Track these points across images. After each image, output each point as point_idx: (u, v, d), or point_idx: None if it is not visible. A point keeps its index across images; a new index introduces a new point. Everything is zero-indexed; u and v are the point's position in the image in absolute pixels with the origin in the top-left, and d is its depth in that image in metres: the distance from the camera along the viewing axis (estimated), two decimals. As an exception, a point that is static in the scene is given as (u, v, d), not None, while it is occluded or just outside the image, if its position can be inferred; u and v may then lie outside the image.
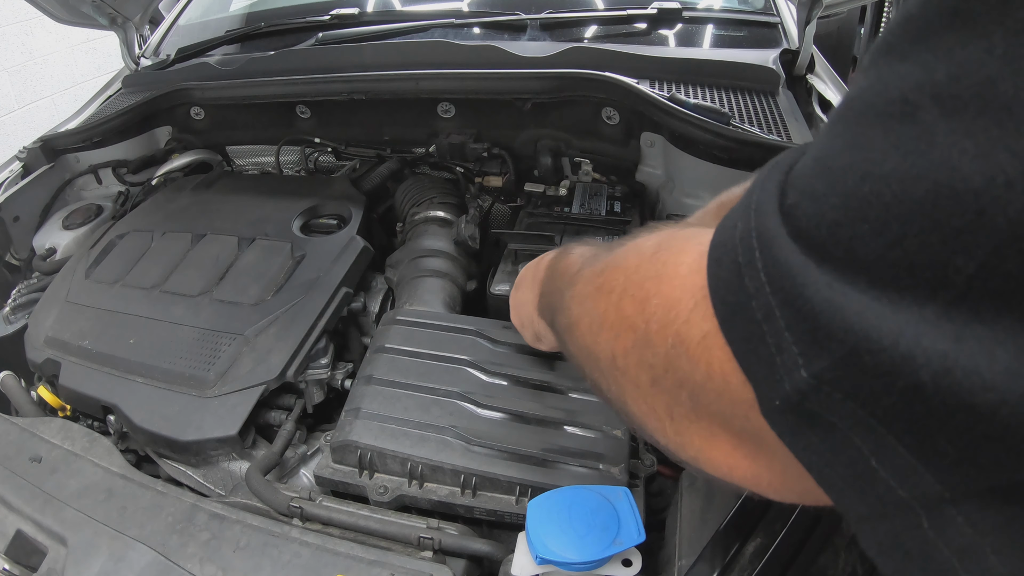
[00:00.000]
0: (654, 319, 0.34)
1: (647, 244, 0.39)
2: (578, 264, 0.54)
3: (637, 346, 0.36)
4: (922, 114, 0.21)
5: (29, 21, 3.49)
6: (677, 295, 0.33)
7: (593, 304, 0.43)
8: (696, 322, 0.31)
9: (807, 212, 0.26)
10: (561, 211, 1.21)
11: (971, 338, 0.21)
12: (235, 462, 0.90)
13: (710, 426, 0.34)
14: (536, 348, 0.86)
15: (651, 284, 0.35)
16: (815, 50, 1.29)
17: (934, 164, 0.21)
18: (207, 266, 1.11)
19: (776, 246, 0.26)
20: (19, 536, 0.77)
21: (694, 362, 0.31)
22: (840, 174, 0.24)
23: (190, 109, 1.53)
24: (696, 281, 0.31)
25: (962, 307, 0.21)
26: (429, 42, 1.44)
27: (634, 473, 0.77)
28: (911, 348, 0.22)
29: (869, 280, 0.23)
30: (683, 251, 0.34)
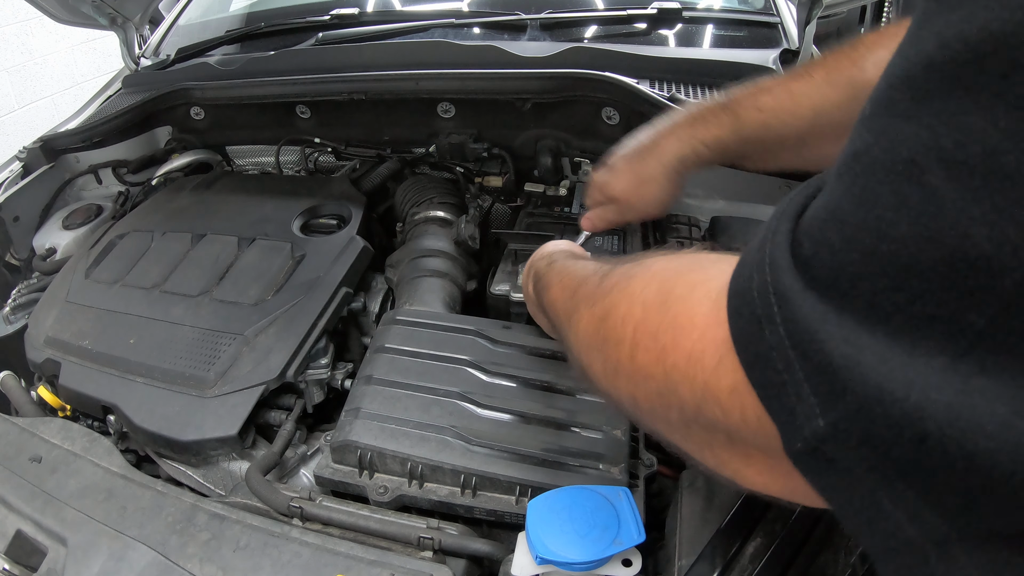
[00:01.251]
0: (675, 371, 0.36)
1: (647, 291, 0.41)
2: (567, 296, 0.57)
3: (661, 394, 0.38)
4: (929, 177, 0.23)
5: (29, 21, 3.49)
6: (699, 348, 0.34)
7: (603, 354, 0.45)
8: (724, 374, 0.33)
9: (826, 264, 0.27)
10: (561, 211, 1.21)
11: (975, 391, 0.22)
12: (235, 462, 0.90)
13: (746, 451, 0.36)
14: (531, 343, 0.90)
15: (666, 337, 0.37)
16: (815, 50, 1.29)
17: (946, 229, 0.22)
18: (207, 266, 1.11)
19: (793, 302, 0.28)
20: (19, 536, 0.77)
21: (726, 410, 0.33)
22: (855, 230, 0.26)
23: (190, 109, 1.53)
24: (717, 335, 0.33)
25: (969, 360, 0.23)
26: (429, 42, 1.44)
27: (634, 473, 0.77)
28: (920, 400, 0.23)
29: (887, 332, 0.25)
30: (692, 302, 0.36)
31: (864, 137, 0.26)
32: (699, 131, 0.80)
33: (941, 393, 0.23)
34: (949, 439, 0.23)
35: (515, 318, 1.03)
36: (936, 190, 0.23)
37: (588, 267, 0.59)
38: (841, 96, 0.68)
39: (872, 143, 0.26)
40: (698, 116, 0.81)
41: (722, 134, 0.78)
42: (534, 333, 0.94)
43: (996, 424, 0.22)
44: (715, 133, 0.79)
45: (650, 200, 0.87)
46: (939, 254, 0.23)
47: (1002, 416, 0.22)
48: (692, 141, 0.81)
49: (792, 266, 0.29)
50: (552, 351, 0.91)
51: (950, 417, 0.22)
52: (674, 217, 1.18)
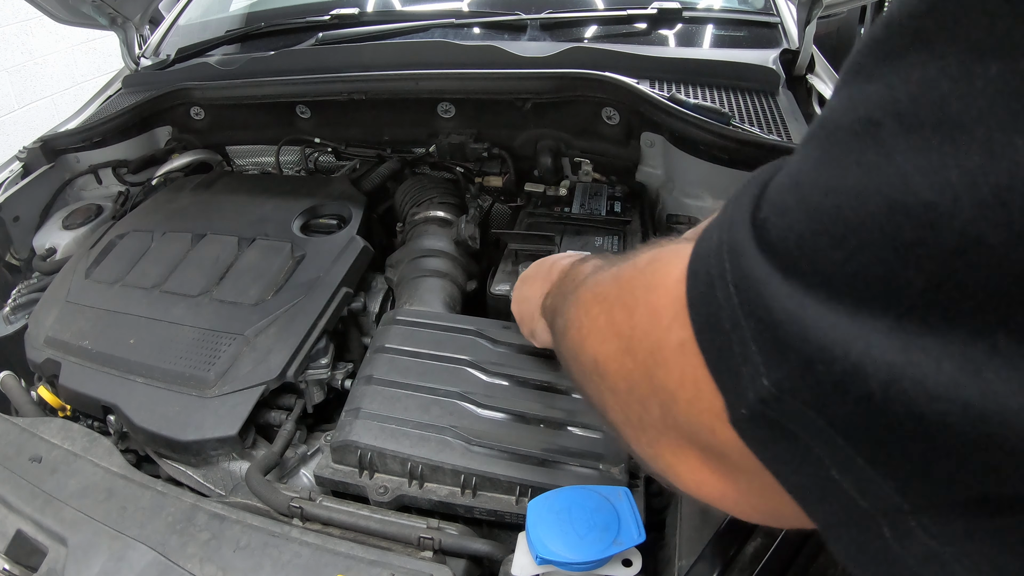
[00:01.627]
0: (639, 327, 0.35)
1: (643, 257, 0.40)
2: (586, 272, 0.55)
3: (619, 352, 0.37)
4: (883, 132, 0.22)
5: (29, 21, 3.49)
6: (662, 303, 0.33)
7: (587, 310, 0.44)
8: (675, 330, 0.31)
9: (776, 225, 0.26)
10: (561, 211, 1.21)
11: (919, 350, 0.21)
12: (235, 462, 0.90)
13: (678, 439, 0.34)
14: (530, 343, 0.87)
15: (640, 293, 0.36)
16: (815, 50, 1.29)
17: (889, 179, 0.21)
18: (207, 266, 1.11)
19: (745, 259, 0.27)
20: (19, 536, 0.77)
21: (669, 369, 0.32)
22: (807, 189, 0.25)
23: (190, 109, 1.53)
24: (679, 291, 0.32)
25: (913, 319, 0.21)
26: (429, 42, 1.44)
27: (634, 473, 0.77)
28: (861, 358, 0.22)
29: (828, 293, 0.24)
30: (672, 263, 0.35)
31: (831, 104, 0.26)
32: None
33: (883, 353, 0.22)
34: (893, 400, 0.22)
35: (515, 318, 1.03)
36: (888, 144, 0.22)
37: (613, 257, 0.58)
38: None
39: (836, 106, 0.25)
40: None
41: None
42: (534, 333, 0.94)
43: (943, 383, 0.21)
44: None
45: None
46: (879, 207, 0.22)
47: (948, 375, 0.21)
48: None
49: (750, 227, 0.28)
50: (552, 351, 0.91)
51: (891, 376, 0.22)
52: (674, 217, 1.18)
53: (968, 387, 0.20)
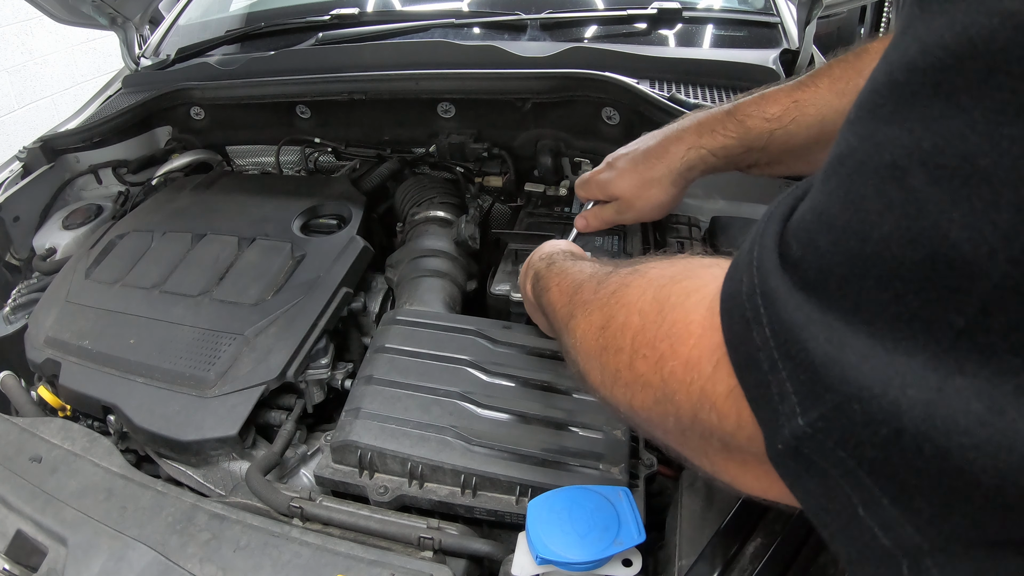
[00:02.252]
0: (673, 378, 0.37)
1: (644, 299, 0.41)
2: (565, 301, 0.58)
3: (659, 402, 0.39)
4: (911, 179, 0.23)
5: (29, 21, 3.49)
6: (696, 355, 0.35)
7: (601, 362, 0.45)
8: (721, 379, 0.33)
9: (813, 266, 0.28)
10: (561, 211, 1.21)
11: (952, 389, 0.22)
12: (235, 462, 0.90)
13: (743, 457, 0.36)
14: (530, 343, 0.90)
15: (664, 345, 0.38)
16: (815, 50, 1.29)
17: (927, 231, 0.23)
18: (207, 266, 1.11)
19: (779, 303, 0.29)
20: (19, 536, 0.77)
21: (722, 415, 0.33)
22: (841, 232, 0.26)
23: (190, 109, 1.53)
24: (713, 339, 0.33)
25: (948, 360, 0.23)
26: (429, 42, 1.44)
27: (634, 473, 0.77)
28: (897, 397, 0.23)
29: (870, 331, 0.25)
30: (687, 308, 0.37)
31: (849, 140, 0.27)
32: (706, 139, 0.81)
33: (919, 391, 0.23)
34: (924, 436, 0.23)
35: (515, 318, 1.03)
36: (917, 192, 0.23)
37: (585, 270, 0.60)
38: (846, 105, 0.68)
39: (856, 146, 0.26)
40: (705, 124, 0.82)
41: (729, 142, 0.79)
42: (534, 333, 0.94)
43: (971, 421, 0.22)
44: (722, 141, 0.79)
45: (653, 203, 0.87)
46: (920, 255, 0.23)
47: (977, 413, 0.22)
48: (700, 149, 0.81)
49: (779, 267, 0.29)
50: (552, 351, 0.91)
51: (926, 414, 0.23)
52: (674, 217, 1.18)
53: (993, 425, 0.21)
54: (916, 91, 0.24)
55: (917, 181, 0.23)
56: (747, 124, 0.77)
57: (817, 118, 0.72)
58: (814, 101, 0.72)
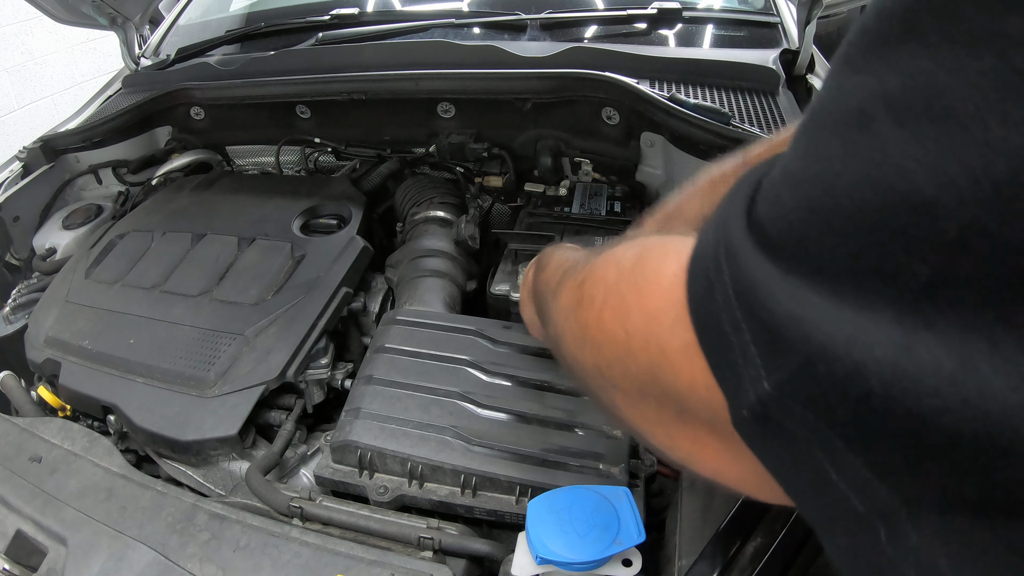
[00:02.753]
0: (636, 331, 0.35)
1: (626, 255, 0.39)
2: (559, 274, 0.55)
3: (620, 358, 0.37)
4: (876, 124, 0.22)
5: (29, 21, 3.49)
6: (659, 307, 0.33)
7: (575, 317, 0.43)
8: (678, 333, 0.31)
9: (774, 222, 0.26)
10: (561, 211, 1.21)
11: (920, 346, 0.21)
12: (235, 462, 0.90)
13: (697, 430, 0.34)
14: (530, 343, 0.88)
15: (632, 297, 0.36)
16: (815, 50, 1.29)
17: (889, 174, 0.21)
18: (207, 266, 1.11)
19: (741, 259, 0.27)
20: (19, 536, 0.77)
21: (677, 373, 0.32)
22: (805, 185, 0.25)
23: (190, 109, 1.53)
24: (677, 294, 0.31)
25: (914, 314, 0.21)
26: (429, 42, 1.44)
27: (634, 473, 0.77)
28: (863, 357, 0.22)
29: (832, 289, 0.23)
30: (662, 263, 0.35)
31: (820, 94, 0.26)
32: (719, 191, 0.81)
33: (885, 349, 0.22)
34: (892, 397, 0.21)
35: (515, 318, 1.03)
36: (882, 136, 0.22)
37: (584, 250, 0.58)
38: None
39: (825, 97, 0.25)
40: (718, 178, 0.82)
41: None
42: (534, 333, 0.94)
43: (942, 381, 0.21)
44: None
45: None
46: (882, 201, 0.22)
47: (948, 371, 0.20)
48: (713, 203, 0.81)
49: (745, 226, 0.28)
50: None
51: (894, 374, 0.21)
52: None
53: (965, 383, 0.20)
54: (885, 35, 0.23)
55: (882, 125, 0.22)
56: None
57: None
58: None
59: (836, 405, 0.23)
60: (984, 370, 0.20)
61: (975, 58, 0.20)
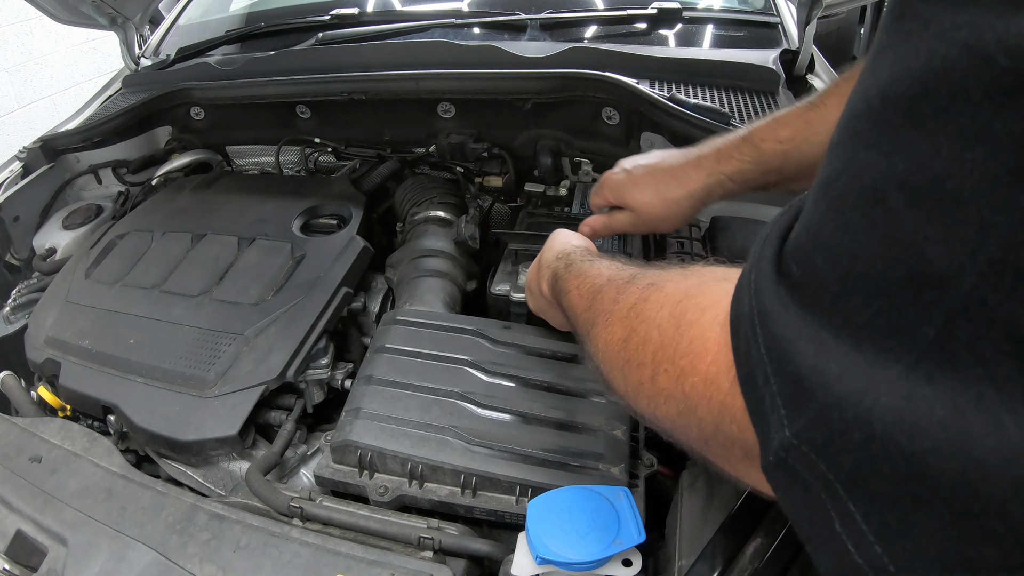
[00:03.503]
0: (694, 392, 0.39)
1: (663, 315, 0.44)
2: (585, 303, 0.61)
3: (681, 414, 0.41)
4: (890, 202, 0.25)
5: (29, 21, 3.49)
6: (714, 371, 0.37)
7: (624, 374, 0.48)
8: (738, 395, 0.35)
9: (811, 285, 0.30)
10: (561, 211, 1.21)
11: (920, 396, 0.24)
12: (235, 462, 0.90)
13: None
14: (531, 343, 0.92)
15: (684, 362, 0.40)
16: (815, 50, 1.29)
17: (906, 248, 0.25)
18: (207, 266, 1.11)
19: (772, 321, 0.31)
20: (19, 536, 0.77)
21: (743, 428, 0.35)
22: (834, 252, 0.28)
23: (190, 109, 1.53)
24: (728, 358, 0.35)
25: (919, 370, 0.24)
26: (429, 42, 1.44)
27: (634, 473, 0.77)
28: (872, 404, 0.25)
29: (855, 345, 0.27)
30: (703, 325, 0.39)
31: (834, 164, 0.29)
32: (723, 165, 0.83)
33: (891, 398, 0.25)
34: (891, 440, 0.24)
35: (515, 318, 1.03)
36: (896, 213, 0.25)
37: (603, 273, 0.61)
38: None
39: (841, 170, 0.28)
40: (723, 150, 0.84)
41: (744, 167, 0.81)
42: (534, 333, 0.94)
43: (934, 425, 0.23)
44: (737, 166, 0.82)
45: (668, 220, 0.89)
46: (901, 271, 0.25)
47: (940, 418, 0.23)
48: (717, 174, 0.83)
49: (775, 287, 0.31)
50: (552, 351, 0.91)
51: (895, 419, 0.24)
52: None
53: (952, 429, 0.23)
54: (889, 117, 0.25)
55: (895, 203, 0.25)
56: (762, 148, 0.79)
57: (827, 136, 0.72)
58: (823, 119, 0.75)
59: (843, 452, 0.26)
60: (969, 418, 0.23)
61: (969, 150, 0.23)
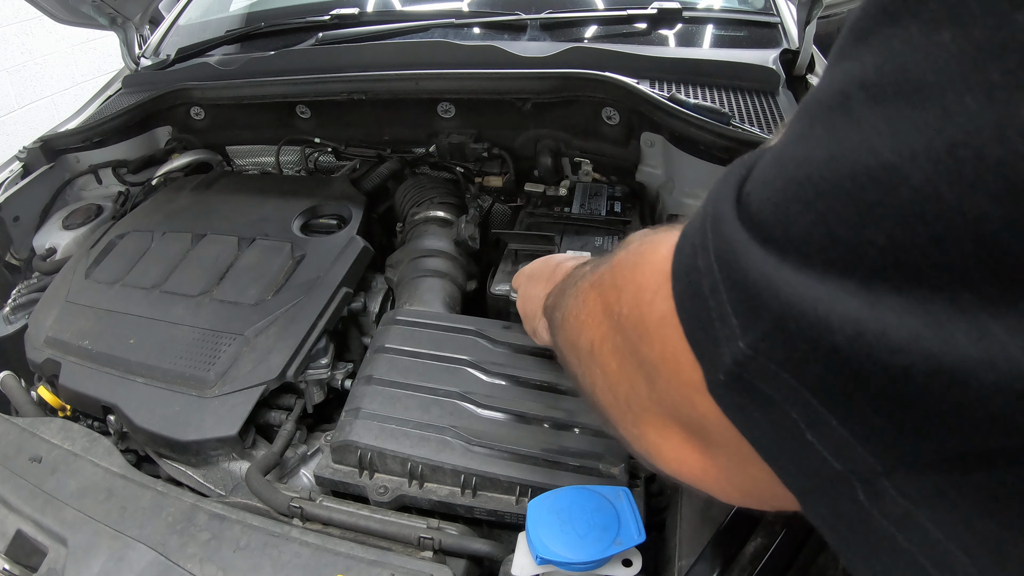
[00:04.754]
0: (626, 304, 0.36)
1: (634, 238, 0.41)
2: (587, 269, 0.55)
3: (611, 332, 0.38)
4: (853, 104, 0.23)
5: (29, 21, 3.49)
6: (647, 280, 0.34)
7: (583, 298, 0.45)
8: (657, 303, 0.32)
9: (756, 197, 0.28)
10: (561, 211, 1.21)
11: (884, 306, 0.22)
12: (235, 462, 0.90)
13: (662, 417, 0.35)
14: (531, 343, 0.88)
15: (628, 272, 0.37)
16: (815, 50, 1.29)
17: (855, 145, 0.23)
18: (207, 266, 1.11)
19: (725, 227, 0.28)
20: (19, 536, 0.77)
21: (651, 343, 0.33)
22: (789, 166, 0.26)
23: (190, 109, 1.53)
24: (665, 266, 0.32)
25: (878, 279, 0.22)
26: (429, 42, 1.44)
27: (634, 473, 0.77)
28: (827, 313, 0.23)
29: (800, 257, 0.25)
30: (660, 242, 0.36)
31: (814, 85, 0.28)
32: None
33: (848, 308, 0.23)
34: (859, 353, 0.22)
35: (515, 318, 1.03)
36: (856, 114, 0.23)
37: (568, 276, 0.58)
38: None
39: (816, 86, 0.27)
40: None
41: None
42: (534, 333, 0.94)
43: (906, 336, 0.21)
44: None
45: None
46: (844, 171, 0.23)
47: (911, 327, 0.21)
48: None
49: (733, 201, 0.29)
50: (552, 351, 0.91)
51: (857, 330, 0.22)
52: (674, 217, 1.18)
53: (930, 339, 0.21)
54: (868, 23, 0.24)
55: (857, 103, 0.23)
56: None
57: None
58: None
59: (807, 361, 0.24)
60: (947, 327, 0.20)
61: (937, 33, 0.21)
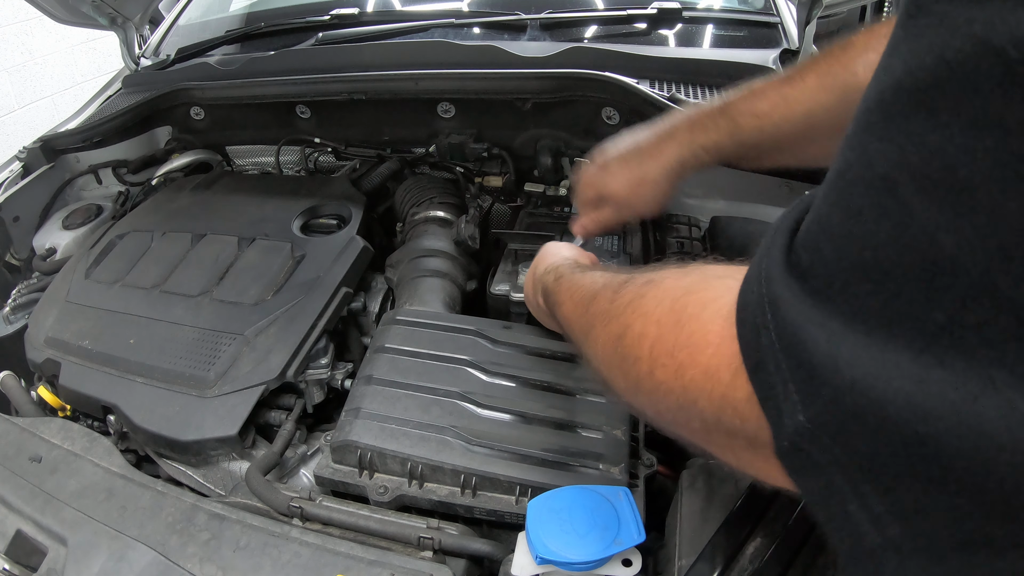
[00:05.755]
0: (694, 385, 0.39)
1: (662, 310, 0.44)
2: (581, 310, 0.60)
3: (681, 407, 0.41)
4: (901, 190, 0.26)
5: (29, 21, 3.49)
6: (715, 363, 0.37)
7: (622, 371, 0.48)
8: (740, 385, 0.35)
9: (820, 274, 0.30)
10: (561, 211, 1.21)
11: (932, 380, 0.25)
12: (235, 462, 0.90)
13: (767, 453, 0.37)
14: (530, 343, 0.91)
15: (683, 355, 0.40)
16: (815, 50, 1.29)
17: (918, 236, 0.25)
18: (207, 266, 1.11)
19: (783, 308, 0.31)
20: (19, 536, 0.77)
21: (745, 419, 0.35)
22: (843, 241, 0.29)
23: (190, 109, 1.53)
24: (730, 349, 0.36)
25: (930, 355, 0.25)
26: (429, 42, 1.44)
27: (634, 473, 0.77)
28: (884, 388, 0.26)
29: (866, 331, 0.27)
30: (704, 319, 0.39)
31: (846, 156, 0.29)
32: (698, 136, 0.82)
33: (903, 382, 0.25)
34: (904, 423, 0.25)
35: (515, 318, 1.03)
36: (907, 202, 0.26)
37: (598, 280, 0.61)
38: (833, 99, 0.70)
39: (852, 161, 0.29)
40: (697, 121, 0.83)
41: (720, 139, 0.80)
42: (534, 333, 0.94)
43: (946, 408, 0.24)
44: (713, 138, 0.80)
45: (649, 200, 0.88)
46: (912, 258, 0.25)
47: (952, 401, 0.24)
48: (692, 145, 0.82)
49: (785, 276, 0.32)
50: (552, 351, 0.91)
51: (908, 402, 0.25)
52: (674, 217, 1.18)
53: (964, 412, 0.24)
54: (902, 109, 0.26)
55: (906, 192, 0.25)
56: (738, 121, 0.78)
57: (804, 113, 0.73)
58: (801, 97, 0.73)
59: (857, 435, 0.27)
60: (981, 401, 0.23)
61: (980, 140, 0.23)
